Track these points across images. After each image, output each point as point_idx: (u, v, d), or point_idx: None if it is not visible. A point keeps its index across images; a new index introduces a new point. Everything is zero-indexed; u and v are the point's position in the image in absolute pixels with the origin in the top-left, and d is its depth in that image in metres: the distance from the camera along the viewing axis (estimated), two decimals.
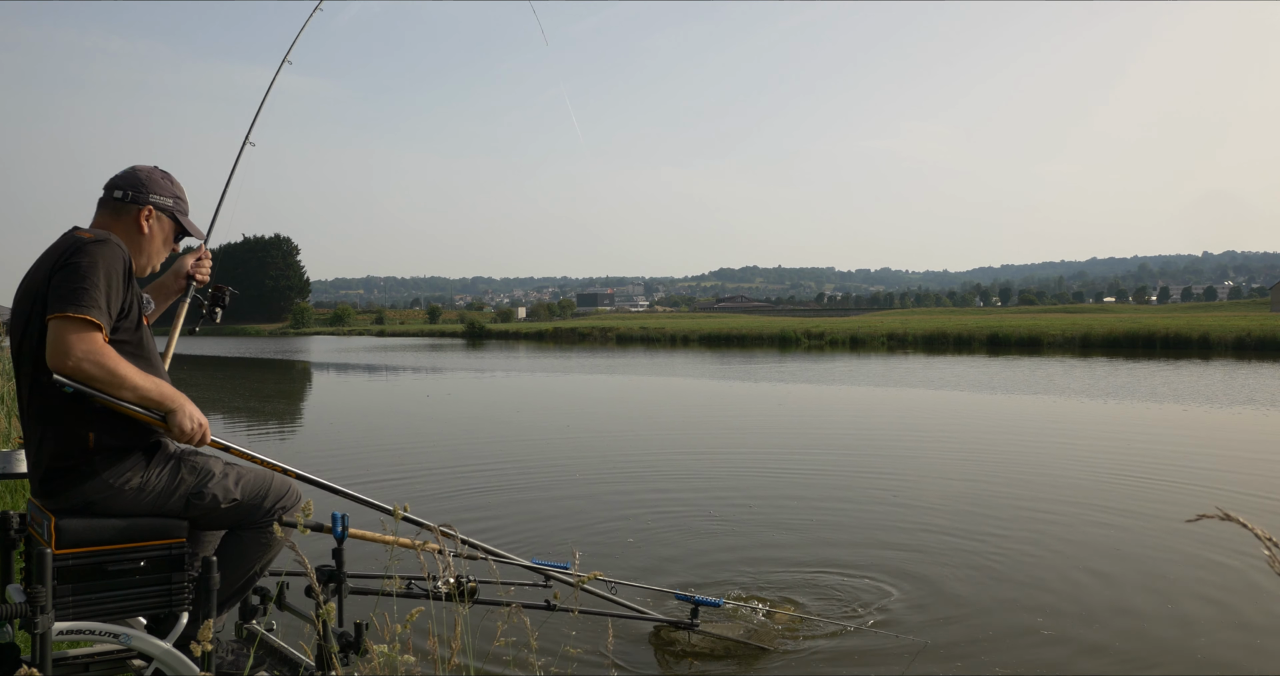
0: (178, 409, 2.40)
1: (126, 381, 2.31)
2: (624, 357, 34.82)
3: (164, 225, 2.72)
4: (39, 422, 2.42)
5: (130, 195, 2.65)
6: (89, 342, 2.25)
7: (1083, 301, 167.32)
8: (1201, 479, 8.04)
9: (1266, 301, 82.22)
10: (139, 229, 2.66)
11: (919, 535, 6.03)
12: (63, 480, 2.40)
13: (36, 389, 2.40)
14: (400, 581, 3.81)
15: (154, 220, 2.69)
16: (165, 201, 2.71)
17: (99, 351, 2.26)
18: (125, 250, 2.47)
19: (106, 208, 2.66)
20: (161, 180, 2.73)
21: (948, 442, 10.91)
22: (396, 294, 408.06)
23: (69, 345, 2.23)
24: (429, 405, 17.05)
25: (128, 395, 2.33)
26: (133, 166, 2.73)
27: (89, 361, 2.24)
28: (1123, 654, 3.97)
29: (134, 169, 2.71)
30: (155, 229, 2.69)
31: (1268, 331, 32.17)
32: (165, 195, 2.72)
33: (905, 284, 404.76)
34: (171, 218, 2.74)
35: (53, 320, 2.26)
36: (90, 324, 2.27)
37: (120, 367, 2.30)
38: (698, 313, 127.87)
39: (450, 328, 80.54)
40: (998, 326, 42.27)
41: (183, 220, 2.77)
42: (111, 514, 2.41)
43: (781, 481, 8.15)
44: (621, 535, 6.06)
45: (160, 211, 2.70)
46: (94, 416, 2.38)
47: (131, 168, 2.72)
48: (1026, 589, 4.87)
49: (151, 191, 2.68)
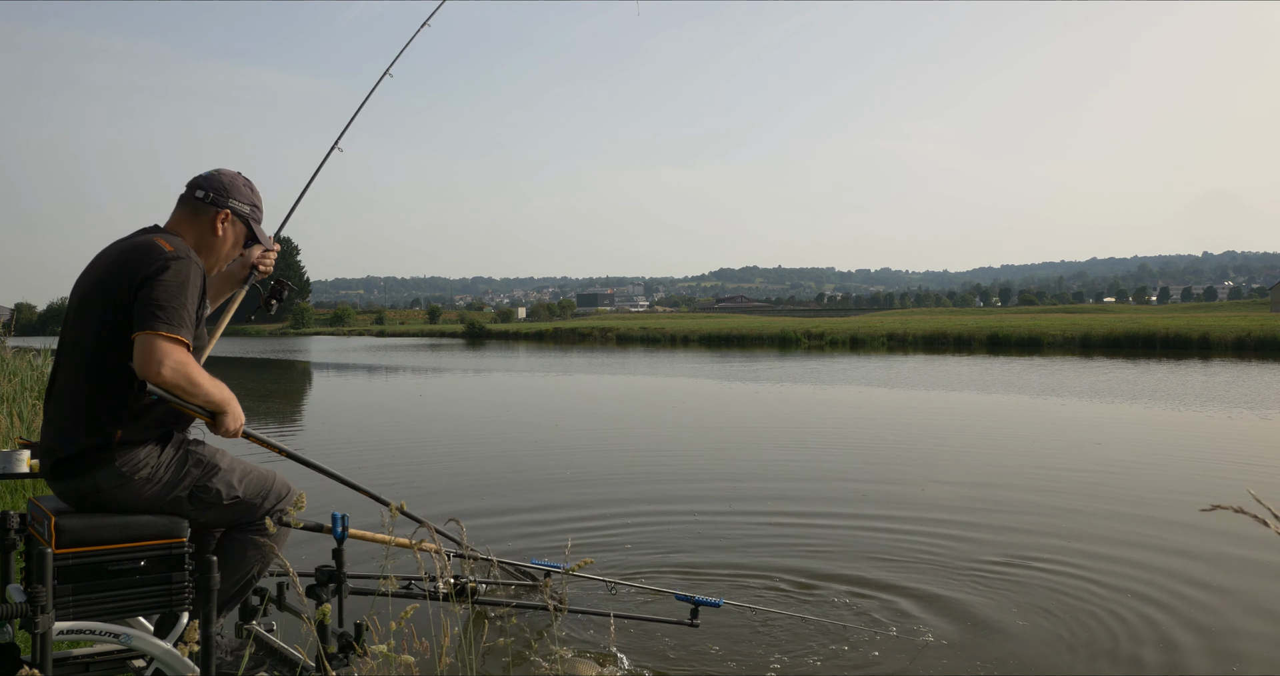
0: (229, 410, 2.53)
1: (201, 390, 2.45)
2: (624, 358, 34.82)
3: (237, 229, 2.81)
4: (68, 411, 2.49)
5: (211, 197, 2.74)
6: (179, 356, 2.40)
7: (1083, 301, 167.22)
8: (1209, 479, 8.04)
9: (1266, 301, 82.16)
10: (213, 230, 2.75)
11: (919, 535, 6.03)
12: (77, 465, 2.46)
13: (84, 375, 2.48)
14: (399, 581, 3.82)
15: (229, 224, 2.77)
16: (243, 208, 2.80)
17: (187, 365, 2.41)
18: (202, 266, 2.57)
19: (186, 206, 2.75)
20: (243, 187, 2.82)
21: (948, 442, 10.91)
22: (396, 294, 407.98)
23: (162, 359, 2.36)
24: (426, 405, 17.05)
25: (198, 402, 2.46)
26: (218, 169, 2.82)
27: (178, 375, 2.38)
28: (1123, 653, 3.97)
29: (219, 172, 2.80)
30: (229, 232, 2.78)
31: (1268, 331, 32.16)
32: (244, 202, 2.81)
33: (905, 284, 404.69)
34: (245, 224, 2.82)
35: (143, 334, 2.38)
36: (179, 341, 2.40)
37: (201, 379, 2.45)
38: (698, 313, 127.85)
39: (450, 328, 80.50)
40: (998, 327, 42.25)
41: (255, 228, 2.85)
42: (117, 502, 2.47)
43: (782, 482, 8.15)
44: (621, 535, 6.06)
45: (236, 216, 2.78)
46: (126, 414, 2.47)
47: (216, 170, 2.81)
48: (1027, 588, 4.87)
49: (232, 196, 2.77)
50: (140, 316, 2.40)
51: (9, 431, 7.13)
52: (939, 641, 4.10)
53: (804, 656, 3.92)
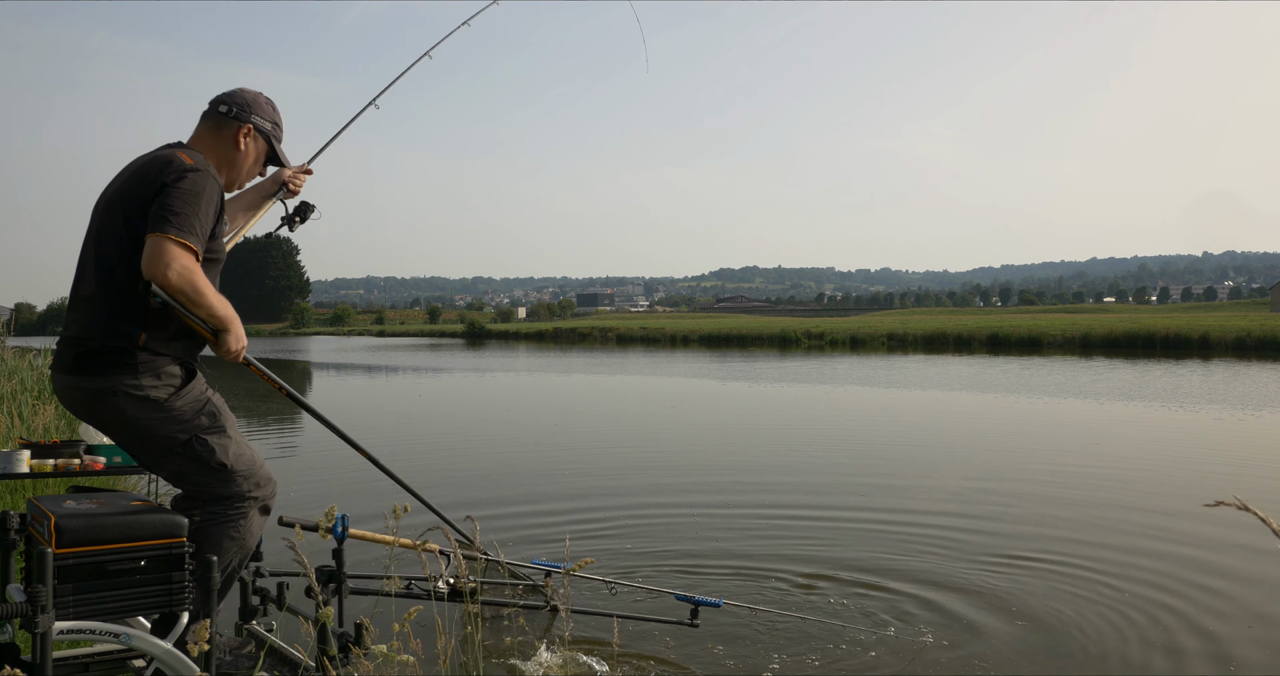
0: (231, 329, 2.55)
1: (204, 301, 2.46)
2: (624, 358, 34.83)
3: (259, 146, 2.86)
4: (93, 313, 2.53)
5: (234, 111, 2.78)
6: (186, 261, 2.41)
7: (1083, 301, 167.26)
8: (1207, 478, 8.04)
9: (1266, 301, 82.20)
10: (235, 145, 2.79)
11: (919, 534, 6.03)
12: (100, 362, 2.50)
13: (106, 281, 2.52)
14: (400, 581, 3.82)
15: (251, 139, 2.82)
16: (264, 124, 2.85)
17: (192, 271, 2.42)
18: (219, 181, 2.61)
19: (209, 121, 2.79)
20: (265, 105, 2.86)
21: (946, 442, 10.91)
22: (396, 294, 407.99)
23: (168, 260, 2.38)
24: (425, 405, 17.06)
25: (202, 313, 2.48)
26: (240, 87, 2.86)
27: (183, 278, 2.39)
28: (1124, 653, 3.97)
29: (241, 89, 2.85)
30: (250, 148, 2.83)
31: (1268, 331, 32.16)
32: (266, 118, 2.85)
33: (905, 284, 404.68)
34: (267, 141, 2.87)
35: (154, 236, 2.40)
36: (188, 247, 2.42)
37: (206, 289, 2.45)
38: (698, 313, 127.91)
39: (450, 328, 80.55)
40: (998, 327, 42.26)
41: (276, 146, 2.90)
42: (123, 416, 2.51)
43: (782, 481, 8.15)
44: (621, 535, 6.06)
45: (259, 132, 2.83)
46: (149, 318, 2.51)
47: (239, 88, 2.86)
48: (1025, 588, 4.87)
49: (254, 112, 2.82)
50: (153, 220, 2.43)
51: (9, 431, 7.13)
52: (939, 641, 4.10)
53: (804, 656, 3.92)
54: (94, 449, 3.68)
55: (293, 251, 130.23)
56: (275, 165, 3.02)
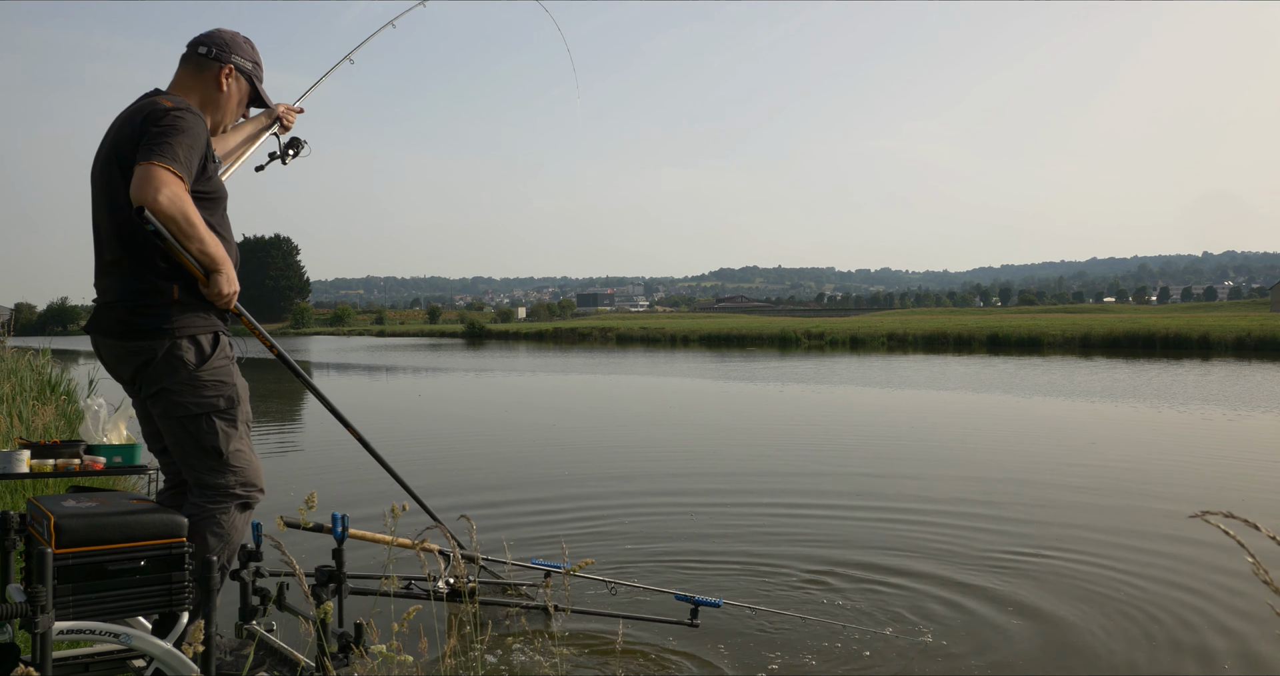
0: (223, 271, 2.53)
1: (196, 234, 2.42)
2: (624, 358, 34.82)
3: (241, 87, 2.83)
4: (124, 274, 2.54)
5: (214, 52, 2.75)
6: (176, 188, 2.38)
7: (1083, 301, 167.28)
8: (1206, 478, 8.04)
9: (1266, 301, 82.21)
10: (218, 86, 2.76)
11: (918, 534, 6.03)
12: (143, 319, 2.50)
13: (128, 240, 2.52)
14: (400, 581, 3.82)
15: (233, 80, 2.79)
16: (245, 64, 2.82)
17: (183, 198, 2.39)
18: (204, 119, 2.58)
19: (189, 64, 2.76)
20: (244, 44, 2.83)
21: (944, 441, 10.91)
22: (396, 294, 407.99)
23: (157, 184, 2.34)
24: (425, 404, 17.06)
25: (194, 248, 2.44)
26: (217, 28, 2.82)
27: (173, 205, 2.36)
28: (1124, 653, 3.97)
29: (219, 29, 2.81)
30: (233, 88, 2.80)
31: (1268, 331, 32.16)
32: (246, 58, 2.82)
33: (905, 284, 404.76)
34: (249, 82, 2.84)
35: (141, 164, 2.37)
36: (176, 174, 2.39)
37: (197, 220, 2.42)
38: (698, 313, 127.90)
39: (450, 328, 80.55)
40: (998, 327, 42.25)
41: (258, 86, 2.87)
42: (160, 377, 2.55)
43: (782, 480, 8.15)
44: (621, 536, 6.06)
45: (240, 73, 2.80)
46: (176, 272, 2.51)
47: (216, 28, 2.81)
48: (1024, 587, 4.87)
49: (234, 52, 2.79)
50: (141, 152, 2.41)
51: (9, 431, 7.12)
52: (938, 641, 4.10)
53: (804, 656, 3.92)
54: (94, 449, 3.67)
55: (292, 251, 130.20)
56: (259, 107, 3.00)
